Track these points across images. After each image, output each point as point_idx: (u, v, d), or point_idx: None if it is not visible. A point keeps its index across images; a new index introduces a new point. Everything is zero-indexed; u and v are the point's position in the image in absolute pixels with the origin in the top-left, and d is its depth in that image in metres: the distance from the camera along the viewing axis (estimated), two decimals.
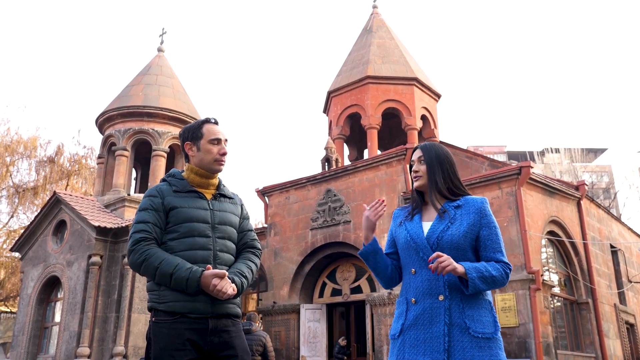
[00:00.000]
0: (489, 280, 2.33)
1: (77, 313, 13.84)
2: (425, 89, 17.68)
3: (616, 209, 35.83)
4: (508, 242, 11.57)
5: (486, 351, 2.27)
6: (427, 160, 2.58)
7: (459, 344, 2.27)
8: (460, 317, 2.31)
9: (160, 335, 2.51)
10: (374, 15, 19.80)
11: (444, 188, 2.54)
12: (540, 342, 10.73)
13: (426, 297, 2.36)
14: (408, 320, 2.39)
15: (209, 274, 2.51)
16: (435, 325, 2.31)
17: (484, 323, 2.33)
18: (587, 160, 40.61)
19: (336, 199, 14.28)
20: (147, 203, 2.69)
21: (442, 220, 2.46)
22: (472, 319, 2.31)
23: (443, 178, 2.55)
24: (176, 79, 18.12)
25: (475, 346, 2.27)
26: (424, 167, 2.57)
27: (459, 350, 2.26)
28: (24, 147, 25.17)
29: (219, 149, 2.79)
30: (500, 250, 2.45)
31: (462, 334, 2.28)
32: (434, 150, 2.60)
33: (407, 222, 2.56)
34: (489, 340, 2.30)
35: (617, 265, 15.48)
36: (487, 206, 2.53)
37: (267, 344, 8.19)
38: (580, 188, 14.01)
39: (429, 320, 2.33)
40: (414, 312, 2.38)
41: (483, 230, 2.46)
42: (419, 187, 2.60)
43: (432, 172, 2.55)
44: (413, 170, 2.61)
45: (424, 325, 2.33)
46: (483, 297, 2.40)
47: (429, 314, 2.34)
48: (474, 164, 16.75)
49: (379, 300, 12.88)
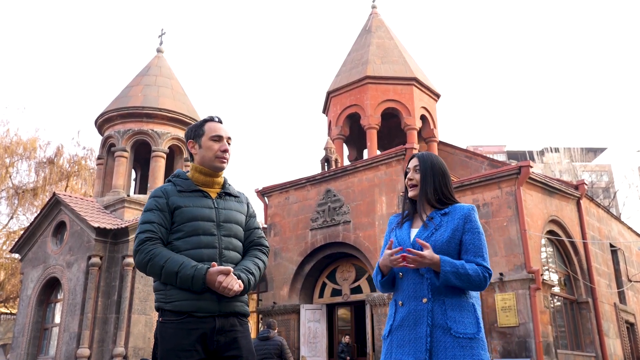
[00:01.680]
0: (464, 277, 2.40)
1: (77, 314, 13.83)
2: (425, 89, 17.68)
3: (616, 208, 35.85)
4: (508, 242, 11.59)
5: (468, 350, 2.36)
6: (421, 169, 2.70)
7: (442, 345, 2.37)
8: (443, 319, 2.41)
9: (167, 335, 2.51)
10: (373, 15, 19.81)
11: (433, 199, 2.65)
12: (540, 341, 10.74)
13: (411, 300, 2.49)
14: (396, 321, 2.53)
15: (214, 271, 2.50)
16: (419, 326, 2.43)
17: (466, 324, 2.42)
18: (586, 160, 40.65)
19: (336, 199, 14.29)
20: (152, 203, 2.69)
21: (428, 228, 2.58)
22: (453, 321, 2.41)
23: (434, 189, 2.66)
24: (175, 80, 18.12)
25: (457, 346, 2.36)
26: (418, 176, 2.69)
27: (441, 350, 2.36)
28: (23, 148, 25.14)
29: (220, 146, 2.79)
30: (482, 255, 2.52)
31: (444, 335, 2.39)
32: (429, 161, 2.71)
33: (397, 229, 2.71)
34: (471, 340, 2.39)
35: (617, 264, 15.49)
36: (474, 213, 2.62)
37: (284, 348, 8.99)
38: (579, 187, 14.02)
39: (413, 321, 2.46)
40: (401, 314, 2.51)
41: (466, 235, 2.54)
42: (412, 196, 2.72)
43: (425, 182, 2.68)
44: (408, 178, 2.73)
45: (409, 327, 2.46)
46: (466, 299, 2.49)
47: (414, 316, 2.46)
48: (473, 164, 16.77)
49: (379, 300, 12.89)
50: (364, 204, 13.78)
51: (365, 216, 13.63)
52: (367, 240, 13.36)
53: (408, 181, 2.73)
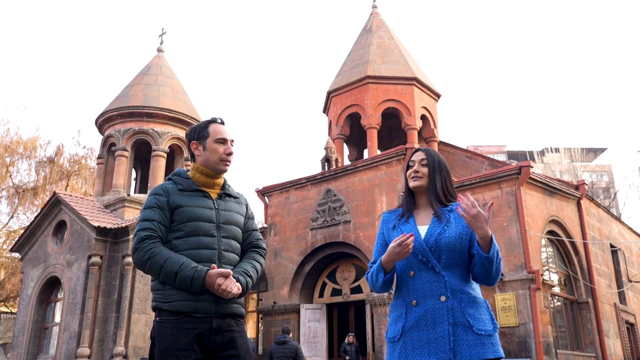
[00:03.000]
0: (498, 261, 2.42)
1: (77, 313, 13.84)
2: (425, 89, 17.67)
3: (616, 208, 35.85)
4: (508, 242, 11.58)
5: (489, 347, 2.36)
6: (430, 163, 2.66)
7: (464, 343, 2.34)
8: (463, 317, 2.38)
9: (165, 335, 2.51)
10: (373, 15, 19.79)
11: (441, 193, 2.61)
12: (540, 341, 10.73)
13: (427, 299, 2.42)
14: (409, 322, 2.44)
15: (214, 273, 2.50)
16: (439, 325, 2.37)
17: (484, 321, 2.41)
18: (587, 160, 40.63)
19: (336, 199, 14.29)
20: (152, 201, 2.68)
21: (439, 223, 2.53)
22: (473, 318, 2.39)
23: (441, 183, 2.63)
24: (176, 79, 18.12)
25: (479, 343, 2.35)
26: (426, 170, 2.65)
27: (464, 348, 2.33)
28: (23, 147, 25.15)
29: (225, 149, 2.79)
30: None
31: (465, 333, 2.36)
32: (436, 156, 2.70)
33: (402, 225, 2.60)
34: (490, 337, 2.39)
35: (617, 264, 15.48)
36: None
37: (299, 352, 9.95)
38: (580, 187, 14.01)
39: (432, 321, 2.39)
40: (416, 314, 2.43)
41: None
42: (415, 188, 2.65)
43: (434, 176, 2.63)
44: (413, 170, 2.66)
45: (427, 327, 2.39)
46: (479, 296, 2.49)
47: (432, 315, 2.39)
48: (473, 164, 16.76)
49: (379, 300, 12.88)
50: (364, 203, 13.77)
51: (366, 216, 13.63)
52: (367, 240, 13.36)
53: (413, 173, 2.65)
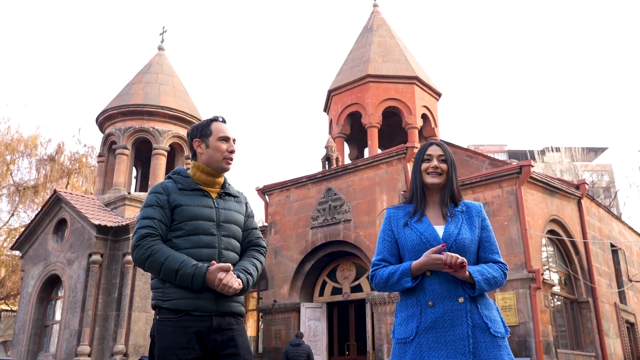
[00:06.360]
0: (492, 281, 2.41)
1: (77, 311, 13.85)
2: (426, 88, 17.65)
3: (617, 208, 35.85)
4: (509, 241, 11.58)
5: (504, 350, 2.35)
6: (448, 160, 2.58)
7: (483, 345, 2.32)
8: (480, 318, 2.36)
9: (165, 333, 2.51)
10: (374, 13, 19.77)
11: (456, 191, 2.57)
12: (540, 341, 10.73)
13: (445, 300, 2.37)
14: (424, 322, 2.37)
15: (214, 268, 2.50)
16: (458, 327, 2.32)
17: (499, 323, 2.41)
18: (587, 159, 40.64)
19: (336, 198, 14.28)
20: (152, 199, 2.67)
21: (455, 223, 2.49)
22: (489, 319, 2.38)
23: (456, 181, 2.60)
24: (176, 78, 18.11)
25: (495, 345, 2.33)
26: (445, 166, 2.57)
27: (483, 351, 2.31)
28: (24, 145, 25.16)
29: (228, 147, 2.79)
30: (497, 252, 2.53)
31: (483, 334, 2.34)
32: (450, 153, 2.62)
33: (416, 223, 2.51)
34: (504, 339, 2.39)
35: (618, 264, 15.47)
36: (483, 210, 2.63)
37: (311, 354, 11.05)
38: (580, 187, 14.00)
39: (450, 322, 2.34)
40: (433, 315, 2.36)
41: (483, 232, 2.54)
42: (432, 185, 2.56)
43: (451, 172, 2.57)
44: (433, 166, 2.55)
45: (445, 328, 2.33)
46: (489, 298, 2.48)
47: (450, 316, 2.34)
48: (474, 163, 16.74)
49: (379, 299, 12.88)
50: (365, 202, 13.77)
51: (366, 215, 13.63)
52: (367, 239, 13.36)
53: (431, 169, 2.55)
